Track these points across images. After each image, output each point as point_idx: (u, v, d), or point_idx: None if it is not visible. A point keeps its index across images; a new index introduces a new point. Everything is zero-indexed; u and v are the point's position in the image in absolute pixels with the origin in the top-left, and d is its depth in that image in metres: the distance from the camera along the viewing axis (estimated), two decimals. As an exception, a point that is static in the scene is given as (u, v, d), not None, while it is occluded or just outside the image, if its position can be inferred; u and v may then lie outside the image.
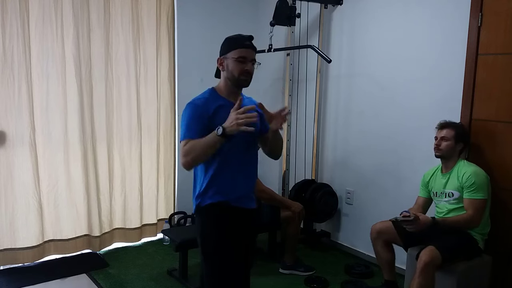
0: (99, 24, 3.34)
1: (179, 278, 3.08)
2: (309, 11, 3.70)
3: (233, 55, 1.90)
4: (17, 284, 2.95)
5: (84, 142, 3.34)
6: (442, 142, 2.56)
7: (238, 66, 1.90)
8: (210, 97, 1.97)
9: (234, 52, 1.90)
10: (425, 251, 2.33)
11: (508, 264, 2.64)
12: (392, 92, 3.24)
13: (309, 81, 3.82)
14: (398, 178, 3.23)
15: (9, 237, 3.13)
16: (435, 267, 2.31)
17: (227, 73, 1.94)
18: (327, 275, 3.17)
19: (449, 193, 2.54)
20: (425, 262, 2.29)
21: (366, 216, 3.42)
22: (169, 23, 3.72)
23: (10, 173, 3.08)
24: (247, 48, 1.91)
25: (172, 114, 3.84)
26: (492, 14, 2.64)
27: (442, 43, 2.90)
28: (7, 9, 2.96)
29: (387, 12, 3.23)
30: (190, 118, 1.90)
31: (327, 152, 3.80)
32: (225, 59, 1.93)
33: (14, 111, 3.05)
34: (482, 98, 2.72)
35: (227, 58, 1.92)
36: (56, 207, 3.30)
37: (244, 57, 1.90)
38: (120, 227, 3.64)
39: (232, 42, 1.93)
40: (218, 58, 1.97)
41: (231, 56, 1.90)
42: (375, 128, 3.38)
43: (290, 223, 3.19)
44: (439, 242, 2.37)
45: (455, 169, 2.54)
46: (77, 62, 3.25)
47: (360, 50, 3.45)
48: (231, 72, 1.92)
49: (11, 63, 3.01)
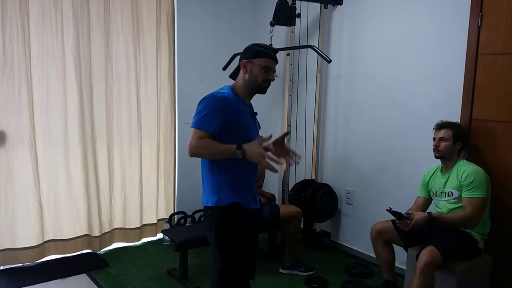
0: (99, 24, 3.34)
1: (179, 278, 3.08)
2: (309, 11, 3.70)
3: (261, 62, 1.99)
4: (17, 284, 2.95)
5: (84, 142, 3.34)
6: (441, 143, 2.56)
7: (263, 74, 2.00)
8: (232, 96, 2.00)
9: (262, 60, 1.99)
10: (425, 251, 2.34)
11: (508, 264, 2.64)
12: (392, 92, 3.24)
13: (309, 81, 3.82)
14: (398, 178, 3.24)
15: (9, 237, 3.13)
16: (435, 267, 2.31)
17: (249, 76, 2.01)
18: (327, 275, 3.17)
19: (449, 192, 2.55)
20: (425, 262, 2.30)
21: (366, 216, 3.42)
22: (169, 23, 3.72)
23: (10, 173, 3.08)
24: (273, 60, 2.04)
25: (172, 114, 3.84)
26: (492, 14, 2.64)
27: (442, 43, 2.90)
28: (7, 9, 2.96)
29: (387, 12, 3.23)
30: (213, 111, 1.90)
31: (327, 152, 3.80)
32: (251, 64, 2.00)
33: (14, 111, 3.05)
34: (482, 98, 2.72)
35: (253, 63, 2.00)
36: (56, 207, 3.30)
37: (270, 67, 2.01)
38: (120, 227, 3.64)
39: (261, 50, 2.02)
40: (243, 60, 2.02)
41: (258, 63, 1.99)
42: (375, 128, 3.38)
43: (290, 223, 3.19)
44: (439, 242, 2.37)
45: (455, 169, 2.55)
46: (77, 62, 3.25)
47: (360, 50, 3.45)
48: (255, 77, 2.00)
49: (11, 63, 3.01)
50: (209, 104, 1.91)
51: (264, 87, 2.03)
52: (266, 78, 2.01)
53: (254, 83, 2.01)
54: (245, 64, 2.01)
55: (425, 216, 2.42)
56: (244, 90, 2.04)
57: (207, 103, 1.92)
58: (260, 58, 1.99)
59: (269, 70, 2.02)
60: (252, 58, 2.00)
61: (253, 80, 2.01)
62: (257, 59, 1.99)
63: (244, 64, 2.01)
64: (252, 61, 2.00)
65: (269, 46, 2.09)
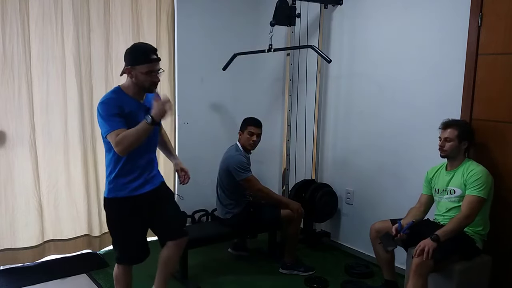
0: (99, 24, 3.34)
1: (179, 278, 3.08)
2: (309, 11, 3.70)
3: (142, 69, 2.11)
4: (17, 284, 2.95)
5: (84, 142, 3.34)
6: (446, 143, 2.55)
7: (148, 79, 2.13)
8: (119, 97, 2.16)
9: (142, 66, 2.10)
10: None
11: (508, 264, 2.64)
12: (392, 92, 3.24)
13: (309, 81, 3.82)
14: (398, 178, 3.23)
15: (9, 237, 3.13)
16: (426, 268, 2.29)
17: (136, 80, 2.15)
18: (327, 275, 3.17)
19: (451, 190, 2.54)
20: (416, 263, 2.29)
21: (366, 216, 3.42)
22: (169, 23, 3.72)
23: (10, 173, 3.08)
24: (154, 62, 2.13)
25: (172, 114, 3.84)
26: (492, 14, 2.63)
27: (442, 43, 2.90)
28: (7, 9, 2.96)
29: (387, 12, 3.23)
30: (109, 114, 2.09)
31: (327, 152, 3.80)
32: (134, 70, 2.12)
33: (14, 111, 3.05)
34: (482, 98, 2.72)
35: (135, 70, 2.12)
36: (56, 207, 3.30)
37: (152, 71, 2.12)
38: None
39: (139, 56, 2.12)
40: (125, 67, 2.15)
41: (140, 70, 2.11)
42: (375, 128, 3.38)
43: (290, 223, 3.19)
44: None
45: (461, 167, 2.54)
46: (77, 62, 3.26)
47: (360, 50, 3.45)
48: (142, 83, 2.15)
49: (11, 63, 3.01)
50: (104, 111, 2.10)
51: (153, 88, 2.18)
52: (152, 81, 2.14)
53: (142, 87, 2.17)
54: (129, 70, 2.13)
55: (429, 240, 2.32)
56: (133, 90, 2.18)
57: (102, 112, 2.11)
58: (140, 65, 2.10)
59: (152, 73, 2.12)
60: (133, 65, 2.11)
61: (141, 85, 2.15)
62: (138, 66, 2.10)
63: (128, 71, 2.14)
64: (134, 67, 2.11)
65: (148, 47, 2.16)
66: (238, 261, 3.49)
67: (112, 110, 2.09)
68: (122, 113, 2.11)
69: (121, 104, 2.12)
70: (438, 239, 2.30)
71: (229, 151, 3.26)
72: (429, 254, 2.26)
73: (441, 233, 2.33)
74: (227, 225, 3.24)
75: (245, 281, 3.12)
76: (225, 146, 3.38)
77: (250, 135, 3.18)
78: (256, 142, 3.23)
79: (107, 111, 2.09)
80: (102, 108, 2.11)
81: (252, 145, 3.22)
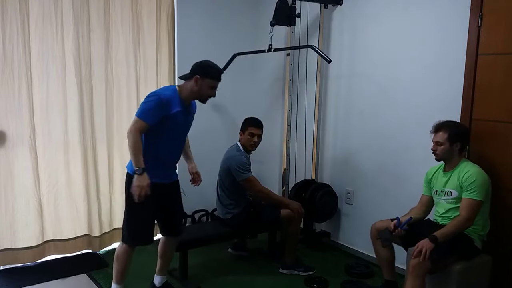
0: (99, 24, 3.34)
1: (179, 278, 3.09)
2: (309, 11, 3.70)
3: (210, 83, 2.47)
4: (17, 284, 2.95)
5: (84, 142, 3.34)
6: (437, 146, 2.54)
7: (209, 92, 2.50)
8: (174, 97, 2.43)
9: (212, 81, 2.47)
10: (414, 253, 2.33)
11: (508, 264, 2.64)
12: (392, 92, 3.24)
13: (309, 81, 3.82)
14: (398, 178, 3.24)
15: (9, 237, 3.13)
16: (423, 269, 2.29)
17: (198, 89, 2.46)
18: (327, 275, 3.17)
19: (448, 191, 2.54)
20: (412, 265, 2.29)
21: (366, 216, 3.42)
22: (169, 23, 3.72)
23: (10, 173, 3.08)
24: (219, 81, 2.53)
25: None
26: (492, 14, 2.64)
27: (442, 43, 2.90)
28: (7, 9, 2.96)
29: (387, 12, 3.24)
30: (153, 107, 2.35)
31: (327, 152, 3.80)
32: (202, 81, 2.44)
33: (14, 111, 3.05)
34: (482, 98, 2.72)
35: (204, 81, 2.45)
36: (56, 207, 3.30)
37: (214, 87, 2.51)
38: (120, 227, 3.62)
39: (214, 72, 2.49)
40: (196, 76, 2.43)
41: (208, 83, 2.46)
42: (375, 128, 3.38)
43: (290, 223, 3.19)
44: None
45: (457, 169, 2.53)
46: (77, 62, 3.25)
47: (360, 50, 3.45)
48: (201, 93, 2.48)
49: (11, 63, 3.00)
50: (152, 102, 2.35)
51: (206, 100, 2.54)
52: (211, 95, 2.51)
53: (199, 96, 2.50)
54: (197, 79, 2.44)
55: (427, 241, 2.33)
56: (187, 96, 2.48)
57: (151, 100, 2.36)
58: (211, 79, 2.46)
59: (214, 89, 2.51)
60: (204, 77, 2.44)
61: (199, 94, 2.48)
62: (208, 79, 2.45)
63: (196, 79, 2.43)
64: (203, 79, 2.44)
65: (220, 69, 2.55)
66: (238, 261, 3.49)
67: (158, 107, 2.34)
68: (165, 113, 2.36)
69: (171, 104, 2.39)
70: (436, 240, 2.30)
71: (230, 151, 3.26)
72: (426, 255, 2.27)
73: (439, 235, 2.33)
74: (227, 225, 3.24)
75: (245, 281, 3.12)
76: (225, 146, 3.38)
77: (251, 136, 3.18)
78: (257, 143, 3.23)
79: (154, 105, 2.34)
80: (154, 100, 2.35)
81: (253, 146, 3.22)
